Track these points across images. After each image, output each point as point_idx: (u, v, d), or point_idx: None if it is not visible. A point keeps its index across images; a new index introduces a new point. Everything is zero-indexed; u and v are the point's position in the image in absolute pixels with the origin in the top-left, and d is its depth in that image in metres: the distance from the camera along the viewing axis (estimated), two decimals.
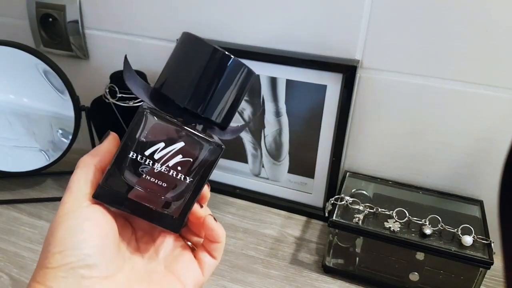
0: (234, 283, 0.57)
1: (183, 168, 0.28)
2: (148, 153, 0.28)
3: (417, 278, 0.55)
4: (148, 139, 0.28)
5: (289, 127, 0.66)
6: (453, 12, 0.53)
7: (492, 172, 0.60)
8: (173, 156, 0.28)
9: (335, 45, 0.59)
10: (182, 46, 0.30)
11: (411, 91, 0.59)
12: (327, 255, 0.59)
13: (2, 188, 0.73)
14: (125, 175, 0.28)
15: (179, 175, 0.28)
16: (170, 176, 0.28)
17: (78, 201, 0.29)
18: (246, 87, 0.30)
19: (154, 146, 0.28)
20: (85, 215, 0.28)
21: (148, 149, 0.28)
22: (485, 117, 0.57)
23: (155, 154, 0.28)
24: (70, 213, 0.28)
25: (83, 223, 0.28)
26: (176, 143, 0.28)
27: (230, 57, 0.29)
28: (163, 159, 0.28)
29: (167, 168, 0.28)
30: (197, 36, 0.29)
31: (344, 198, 0.58)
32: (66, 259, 0.26)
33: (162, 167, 0.28)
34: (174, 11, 0.66)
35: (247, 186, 0.74)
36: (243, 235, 0.65)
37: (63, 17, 0.72)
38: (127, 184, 0.29)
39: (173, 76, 0.30)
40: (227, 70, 0.29)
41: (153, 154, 0.28)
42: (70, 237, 0.27)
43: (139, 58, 0.71)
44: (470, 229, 0.53)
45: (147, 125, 0.28)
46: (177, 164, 0.28)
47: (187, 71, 0.29)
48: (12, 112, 0.70)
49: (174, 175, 0.28)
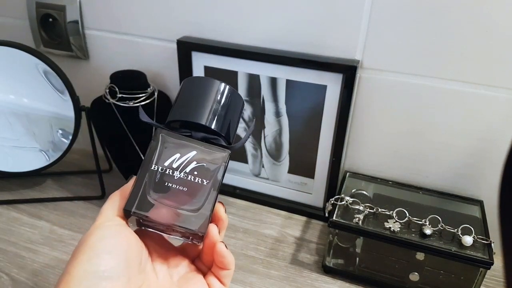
0: (234, 283, 0.57)
1: (199, 173, 0.32)
2: (167, 163, 0.32)
3: (417, 278, 0.55)
4: (165, 153, 0.32)
5: (289, 127, 0.66)
6: (453, 12, 0.53)
7: (492, 172, 0.60)
8: (189, 163, 0.32)
9: (335, 45, 0.60)
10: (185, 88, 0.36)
11: (411, 91, 0.59)
12: (327, 255, 0.59)
13: (2, 188, 0.73)
14: (148, 188, 0.32)
15: (196, 179, 0.32)
16: (189, 181, 0.32)
17: (108, 219, 0.31)
18: (233, 101, 0.36)
19: (171, 157, 0.32)
20: (115, 229, 0.30)
21: (166, 161, 0.32)
22: (485, 117, 0.57)
23: (173, 164, 0.32)
24: (101, 226, 0.30)
25: (112, 236, 0.29)
26: (189, 152, 0.32)
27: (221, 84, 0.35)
28: (180, 166, 0.32)
29: (185, 174, 0.32)
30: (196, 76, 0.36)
31: (344, 198, 0.58)
32: (93, 267, 0.27)
33: (181, 174, 0.32)
34: (174, 11, 0.66)
35: (247, 186, 0.74)
36: (243, 235, 0.65)
37: (63, 17, 0.72)
38: (150, 198, 0.32)
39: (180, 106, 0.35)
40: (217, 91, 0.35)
41: (171, 164, 0.32)
42: (99, 244, 0.28)
43: (139, 58, 0.71)
44: (470, 229, 0.53)
45: (163, 143, 0.33)
46: (193, 169, 0.32)
47: (192, 97, 0.35)
48: (12, 112, 0.70)
49: (192, 179, 0.32)
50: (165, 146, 0.32)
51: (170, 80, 0.72)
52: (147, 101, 0.64)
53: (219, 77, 0.66)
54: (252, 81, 0.65)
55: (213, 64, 0.65)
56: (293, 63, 0.61)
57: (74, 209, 0.70)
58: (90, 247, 0.28)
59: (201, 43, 0.64)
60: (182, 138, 0.33)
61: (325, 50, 0.60)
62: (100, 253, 0.28)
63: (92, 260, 0.27)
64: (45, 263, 0.59)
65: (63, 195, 0.73)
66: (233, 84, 0.66)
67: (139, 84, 0.65)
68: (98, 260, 0.27)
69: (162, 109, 0.68)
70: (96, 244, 0.28)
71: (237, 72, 0.64)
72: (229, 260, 0.34)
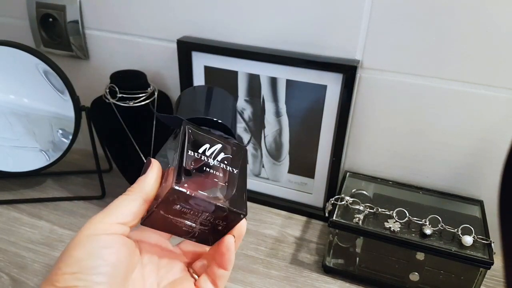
0: (234, 283, 0.57)
1: (228, 162, 0.34)
2: (201, 150, 0.33)
3: (417, 278, 0.55)
4: (194, 144, 0.34)
5: (289, 127, 0.66)
6: (453, 13, 0.53)
7: (492, 172, 0.60)
8: (218, 153, 0.34)
9: (335, 45, 0.60)
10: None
11: (411, 91, 0.59)
12: (327, 255, 0.59)
13: (2, 188, 0.73)
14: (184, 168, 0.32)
15: (228, 167, 0.34)
16: (222, 168, 0.34)
17: (105, 226, 0.29)
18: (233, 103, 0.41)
19: (203, 146, 0.34)
20: (106, 241, 0.28)
21: (200, 148, 0.33)
22: (485, 117, 0.57)
23: (206, 151, 0.34)
24: (93, 236, 0.28)
25: (102, 249, 0.28)
26: (216, 144, 0.34)
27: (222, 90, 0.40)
28: (213, 155, 0.34)
29: (218, 162, 0.34)
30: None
31: (344, 198, 0.58)
32: (76, 282, 0.27)
33: (214, 161, 0.33)
34: (174, 11, 0.66)
35: (247, 186, 0.74)
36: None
37: (63, 17, 0.72)
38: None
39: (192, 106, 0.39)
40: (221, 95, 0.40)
41: (205, 152, 0.33)
42: (86, 260, 0.27)
43: (139, 58, 0.71)
44: (470, 229, 0.53)
45: (190, 134, 0.34)
46: (223, 159, 0.34)
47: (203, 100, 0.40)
48: (12, 112, 0.70)
49: (224, 167, 0.34)
50: (192, 138, 0.33)
51: (170, 80, 0.72)
52: (147, 101, 0.64)
53: (219, 77, 0.66)
54: (252, 81, 0.65)
55: (213, 64, 0.65)
56: (293, 63, 0.61)
57: (74, 209, 0.70)
58: (76, 262, 0.27)
59: (201, 43, 0.64)
60: (206, 132, 0.35)
61: (325, 50, 0.60)
62: (87, 269, 0.27)
63: (76, 275, 0.27)
64: (45, 263, 0.59)
65: (63, 195, 0.73)
66: (233, 84, 0.66)
67: (139, 84, 0.65)
68: (84, 276, 0.27)
69: (162, 109, 0.68)
70: (82, 259, 0.27)
71: (237, 72, 0.64)
72: (231, 257, 0.33)
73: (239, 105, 0.67)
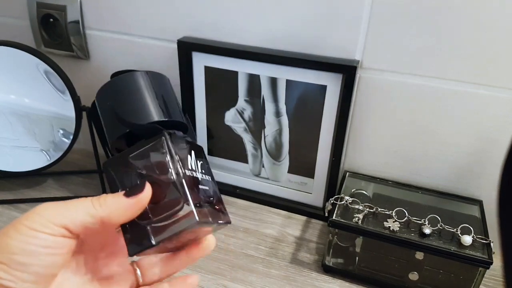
0: (234, 282, 0.57)
1: (205, 170, 0.31)
2: (189, 166, 0.29)
3: (417, 277, 0.55)
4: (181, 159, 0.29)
5: (289, 127, 0.66)
6: (453, 13, 0.53)
7: (492, 172, 0.60)
8: (196, 162, 0.30)
9: (335, 45, 0.60)
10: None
11: (411, 91, 0.59)
12: (327, 255, 0.59)
13: (3, 188, 0.73)
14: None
15: (206, 176, 0.31)
16: (205, 179, 0.30)
17: (53, 225, 0.27)
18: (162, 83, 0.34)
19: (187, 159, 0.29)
20: (47, 241, 0.26)
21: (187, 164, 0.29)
22: (485, 117, 0.57)
23: (192, 165, 0.29)
24: (34, 231, 0.26)
25: (40, 248, 0.26)
26: (190, 151, 0.30)
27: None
28: (197, 167, 0.30)
29: (202, 174, 0.30)
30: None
31: (344, 198, 0.58)
32: (1, 273, 0.25)
33: (198, 174, 0.30)
34: (174, 11, 0.66)
35: (248, 186, 0.74)
36: (243, 234, 0.65)
37: (63, 18, 0.72)
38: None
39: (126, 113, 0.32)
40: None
41: (191, 165, 0.29)
42: (19, 255, 0.25)
43: (139, 58, 0.71)
44: (470, 229, 0.53)
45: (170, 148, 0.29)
46: (201, 167, 0.30)
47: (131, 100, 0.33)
48: (13, 112, 0.70)
49: (207, 178, 0.31)
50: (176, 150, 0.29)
51: (170, 80, 0.72)
52: None
53: (219, 77, 0.66)
54: (252, 81, 0.65)
55: (213, 64, 0.65)
56: (293, 63, 0.61)
57: None
58: (9, 253, 0.25)
59: (201, 43, 0.64)
60: (178, 138, 0.30)
61: (325, 50, 0.60)
62: (16, 265, 0.25)
63: (4, 266, 0.25)
64: None
65: (63, 194, 0.73)
66: (233, 84, 0.66)
67: None
68: (12, 271, 0.25)
69: None
70: (16, 252, 0.25)
71: (237, 72, 0.65)
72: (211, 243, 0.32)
73: (239, 105, 0.68)
